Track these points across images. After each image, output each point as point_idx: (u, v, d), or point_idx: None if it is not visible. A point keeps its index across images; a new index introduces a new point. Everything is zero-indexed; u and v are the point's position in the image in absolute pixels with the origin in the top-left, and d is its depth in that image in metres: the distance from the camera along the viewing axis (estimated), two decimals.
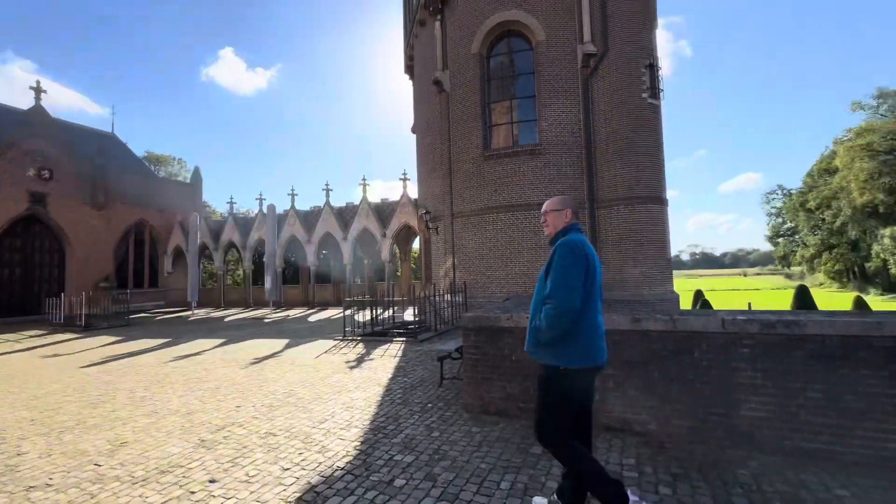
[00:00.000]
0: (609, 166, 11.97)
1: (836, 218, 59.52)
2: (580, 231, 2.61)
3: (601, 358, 2.42)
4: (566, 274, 2.33)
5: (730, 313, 3.76)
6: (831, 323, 3.25)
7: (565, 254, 2.38)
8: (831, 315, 3.38)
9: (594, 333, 2.40)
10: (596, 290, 2.39)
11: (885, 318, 3.15)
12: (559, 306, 2.29)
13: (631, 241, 11.59)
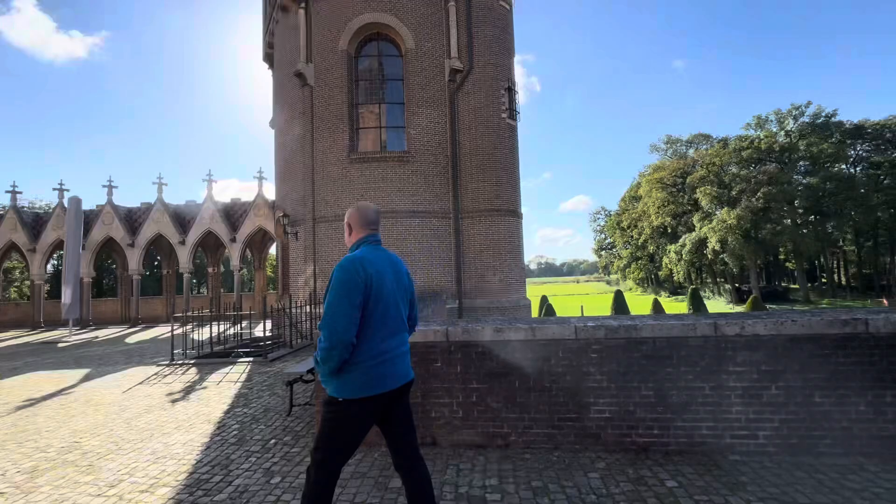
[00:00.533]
0: (472, 179, 12.50)
1: (641, 236, 74.31)
2: (374, 243, 2.37)
3: (384, 386, 2.19)
4: (337, 303, 2.08)
5: (581, 320, 3.95)
6: (660, 326, 3.61)
7: (337, 279, 2.12)
8: (659, 319, 3.79)
9: (377, 360, 2.17)
10: (380, 313, 2.16)
11: (698, 320, 3.63)
12: (329, 338, 2.06)
13: (491, 251, 12.24)
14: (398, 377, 2.26)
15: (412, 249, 12.03)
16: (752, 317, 3.66)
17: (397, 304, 2.26)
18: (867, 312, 3.52)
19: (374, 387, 2.15)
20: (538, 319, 4.08)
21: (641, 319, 3.80)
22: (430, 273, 12.11)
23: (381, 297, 2.17)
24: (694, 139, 68.52)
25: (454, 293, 12.32)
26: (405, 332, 2.39)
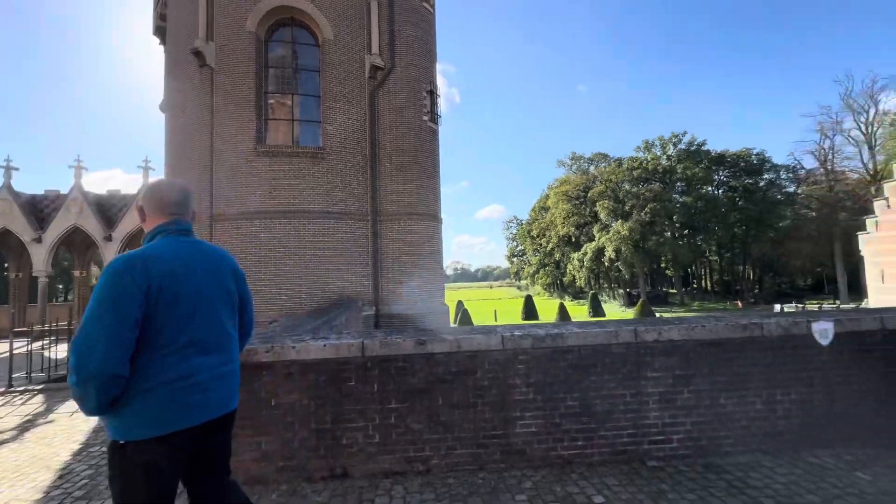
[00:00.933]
0: (392, 181, 12.06)
1: (549, 244, 79.63)
2: (178, 233, 1.83)
3: (191, 419, 1.65)
4: (96, 320, 1.51)
5: (507, 329, 3.75)
6: (585, 334, 3.55)
7: (100, 286, 1.57)
8: (584, 327, 3.73)
9: (179, 385, 1.63)
10: (178, 323, 1.65)
11: (620, 327, 3.63)
12: (79, 369, 1.47)
13: (410, 256, 11.88)
14: (213, 407, 1.72)
15: (326, 253, 11.20)
16: (666, 323, 3.77)
17: (215, 310, 1.75)
18: (761, 317, 3.81)
19: (174, 421, 1.60)
20: (463, 329, 3.80)
21: (567, 328, 3.72)
22: (345, 278, 11.38)
23: (182, 304, 1.65)
24: (595, 157, 75.35)
25: (371, 299, 11.73)
26: (230, 347, 1.85)
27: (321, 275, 11.09)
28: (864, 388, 3.64)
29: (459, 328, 3.92)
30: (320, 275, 11.08)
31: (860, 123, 52.59)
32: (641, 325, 3.72)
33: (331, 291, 11.15)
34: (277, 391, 3.33)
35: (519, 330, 3.72)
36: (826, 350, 3.64)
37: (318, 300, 10.95)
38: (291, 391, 3.33)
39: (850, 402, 3.62)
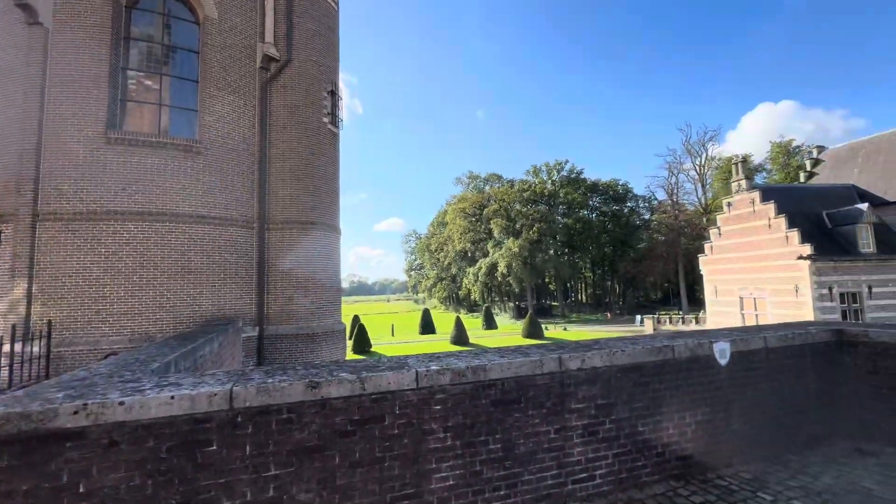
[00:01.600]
0: (285, 185, 10.78)
1: (446, 258, 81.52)
2: None
3: None
4: None
5: (422, 363, 3.18)
6: (509, 365, 3.15)
7: None
8: (506, 354, 3.34)
9: None
10: None
11: (544, 355, 3.31)
12: None
13: (303, 269, 10.67)
14: None
15: (198, 264, 9.43)
16: (588, 349, 3.57)
17: None
18: (672, 339, 3.85)
19: None
20: (369, 365, 3.13)
21: (488, 358, 3.28)
22: (222, 294, 9.71)
23: None
24: (490, 177, 79.74)
25: (254, 318, 10.20)
26: None
27: (190, 290, 9.30)
28: (753, 404, 3.84)
29: (363, 362, 3.25)
30: (189, 290, 9.28)
31: (696, 165, 64.22)
32: (565, 351, 3.46)
33: (203, 310, 9.41)
34: (92, 471, 2.27)
35: (435, 362, 3.18)
36: (724, 370, 3.77)
37: (185, 321, 9.12)
38: (116, 468, 2.31)
39: (743, 419, 3.79)
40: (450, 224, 77.83)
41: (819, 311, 21.90)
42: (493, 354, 3.44)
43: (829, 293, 22.22)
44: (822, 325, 4.62)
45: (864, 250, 23.05)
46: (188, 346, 4.87)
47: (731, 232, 27.03)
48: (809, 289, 22.10)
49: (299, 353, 10.27)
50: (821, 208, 25.33)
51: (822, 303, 22.03)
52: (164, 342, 5.48)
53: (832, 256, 22.50)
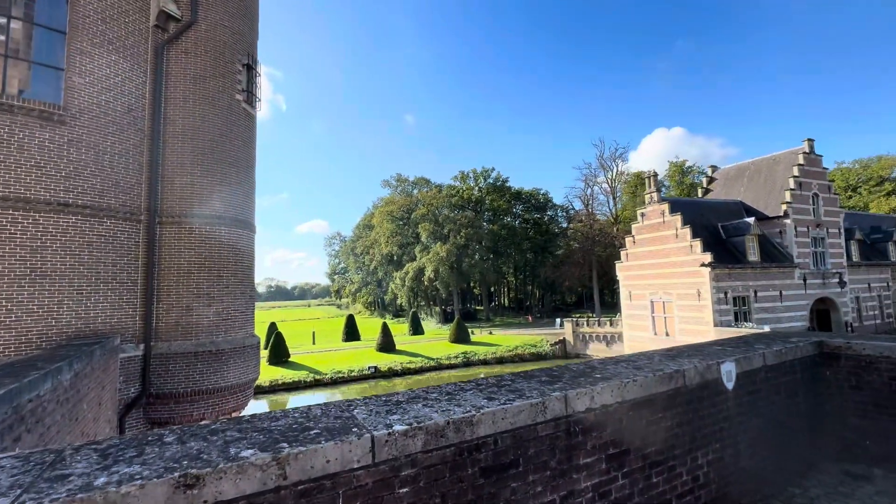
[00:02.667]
0: (184, 171, 8.88)
1: (372, 262, 79.11)
2: None
3: None
4: None
5: (376, 416, 2.13)
6: (503, 412, 2.23)
7: None
8: (496, 391, 2.41)
9: None
10: None
11: (545, 395, 2.44)
12: None
13: (207, 273, 8.84)
14: None
15: (56, 266, 7.25)
16: (593, 380, 2.78)
17: None
18: (679, 364, 3.22)
19: None
20: (292, 426, 2.02)
21: (473, 402, 2.34)
22: (91, 305, 7.59)
23: None
24: (418, 181, 79.13)
25: (137, 334, 8.16)
26: None
27: (43, 300, 7.10)
28: (758, 433, 3.36)
29: (279, 420, 2.13)
30: (41, 300, 7.08)
31: (608, 179, 69.56)
32: (569, 385, 2.63)
33: (63, 326, 7.25)
34: None
35: (397, 415, 2.15)
36: (731, 395, 3.23)
37: (34, 341, 6.92)
38: None
39: (750, 452, 3.28)
40: (377, 227, 75.76)
41: (717, 314, 24.23)
42: (474, 393, 2.51)
43: (724, 297, 24.72)
44: (803, 335, 4.39)
45: (751, 259, 26.07)
46: (13, 386, 3.26)
47: (643, 240, 29.12)
48: (710, 293, 24.37)
49: (199, 376, 8.43)
50: (717, 221, 28.28)
51: (719, 306, 24.42)
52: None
53: (727, 264, 25.11)
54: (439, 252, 62.70)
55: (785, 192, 28.13)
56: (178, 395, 8.26)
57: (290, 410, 2.25)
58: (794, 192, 27.99)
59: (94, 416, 5.95)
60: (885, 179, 68.56)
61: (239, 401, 9.10)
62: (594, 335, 41.07)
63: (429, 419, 2.07)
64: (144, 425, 8.25)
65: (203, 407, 8.46)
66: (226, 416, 8.90)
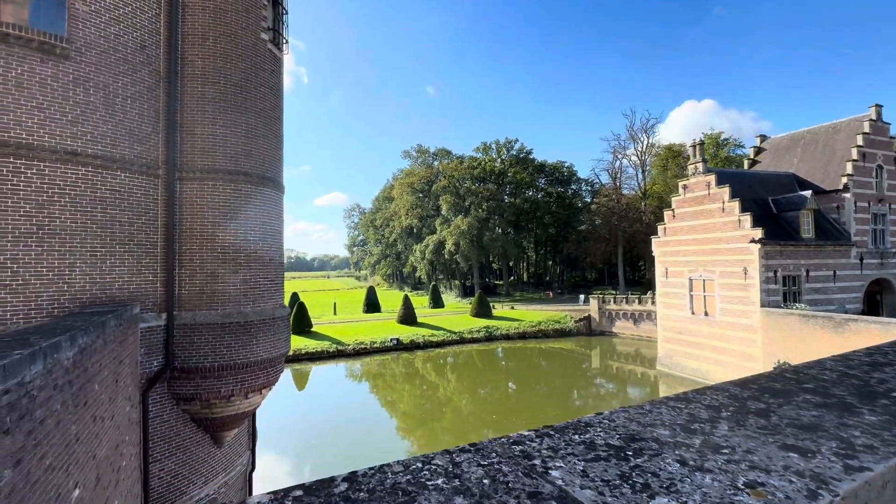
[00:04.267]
0: (206, 119, 7.82)
1: (391, 234, 78.45)
2: None
3: None
4: None
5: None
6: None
7: None
8: (814, 449, 1.30)
9: None
10: None
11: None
12: None
13: (233, 236, 7.90)
14: None
15: (66, 224, 6.39)
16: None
17: None
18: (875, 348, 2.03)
19: None
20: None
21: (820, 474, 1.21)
22: (106, 269, 6.75)
23: None
24: (439, 153, 77.10)
25: (158, 302, 7.35)
26: None
27: (53, 262, 6.26)
28: None
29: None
30: (51, 262, 6.25)
31: (638, 151, 66.31)
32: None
33: (76, 290, 6.43)
34: None
35: (639, 480, 1.06)
36: None
37: (45, 308, 6.13)
38: None
39: None
40: (396, 199, 74.65)
41: (765, 294, 22.63)
42: (731, 428, 1.39)
43: (774, 276, 23.02)
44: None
45: (805, 235, 24.12)
46: None
47: (684, 214, 27.29)
48: (758, 271, 22.70)
49: (227, 350, 7.62)
50: (767, 194, 26.18)
51: (767, 285, 22.77)
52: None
53: (779, 241, 23.26)
54: (460, 225, 61.44)
55: (846, 163, 25.71)
56: (205, 369, 7.49)
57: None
58: (856, 164, 25.56)
59: (111, 395, 5.14)
60: None
61: (270, 377, 8.32)
62: (621, 312, 39.78)
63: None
64: (169, 401, 7.55)
65: (231, 383, 7.70)
66: (256, 393, 8.16)
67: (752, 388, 1.82)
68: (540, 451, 1.24)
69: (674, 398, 1.68)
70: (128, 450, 6.06)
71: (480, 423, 21.71)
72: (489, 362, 34.24)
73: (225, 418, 7.96)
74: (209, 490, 8.17)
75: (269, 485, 14.82)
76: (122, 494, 5.63)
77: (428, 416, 22.93)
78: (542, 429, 1.43)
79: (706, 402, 1.62)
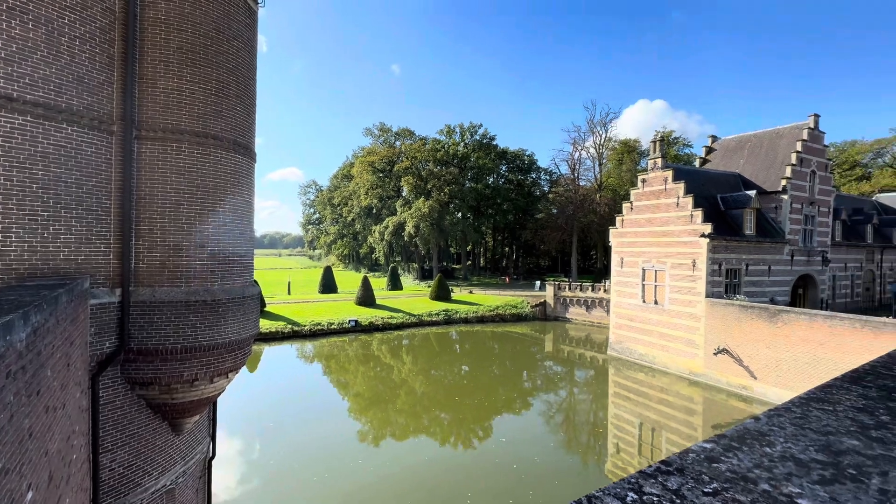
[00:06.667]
0: (170, 71, 6.90)
1: (350, 214, 76.33)
2: None
3: None
4: None
5: None
6: None
7: None
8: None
9: None
10: None
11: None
12: None
13: (200, 206, 7.12)
14: None
15: (0, 182, 5.43)
16: None
17: None
18: None
19: None
20: None
21: None
22: (46, 235, 5.85)
23: None
24: (402, 132, 75.41)
25: (111, 277, 6.52)
26: None
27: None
28: None
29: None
30: None
31: (596, 144, 68.34)
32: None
33: (12, 261, 5.52)
34: None
35: None
36: None
37: None
38: None
39: None
40: (356, 178, 72.53)
41: (710, 286, 24.26)
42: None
43: (718, 269, 24.70)
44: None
45: (748, 232, 26.00)
46: None
47: (642, 207, 28.51)
48: (705, 264, 24.24)
49: (191, 330, 6.94)
50: (716, 192, 27.87)
51: (713, 277, 24.41)
52: None
53: (724, 236, 24.92)
54: (421, 208, 60.82)
55: (786, 167, 27.86)
56: (166, 351, 6.79)
57: None
58: (795, 168, 27.76)
59: (62, 381, 4.47)
60: (857, 164, 70.81)
61: (238, 359, 7.72)
62: (575, 299, 41.36)
63: None
64: (123, 386, 6.79)
65: (196, 366, 7.04)
66: (223, 377, 7.55)
67: (871, 387, 1.73)
68: (753, 471, 1.03)
69: (811, 398, 1.54)
70: (78, 441, 5.37)
71: (434, 404, 21.89)
72: (446, 345, 34.52)
73: (187, 404, 7.31)
74: (166, 481, 7.53)
75: (221, 470, 14.11)
76: (72, 490, 4.99)
77: (381, 397, 22.79)
78: (719, 438, 1.23)
79: (850, 404, 1.49)
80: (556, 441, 18.43)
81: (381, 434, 18.63)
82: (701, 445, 1.15)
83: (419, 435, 18.78)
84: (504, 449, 17.07)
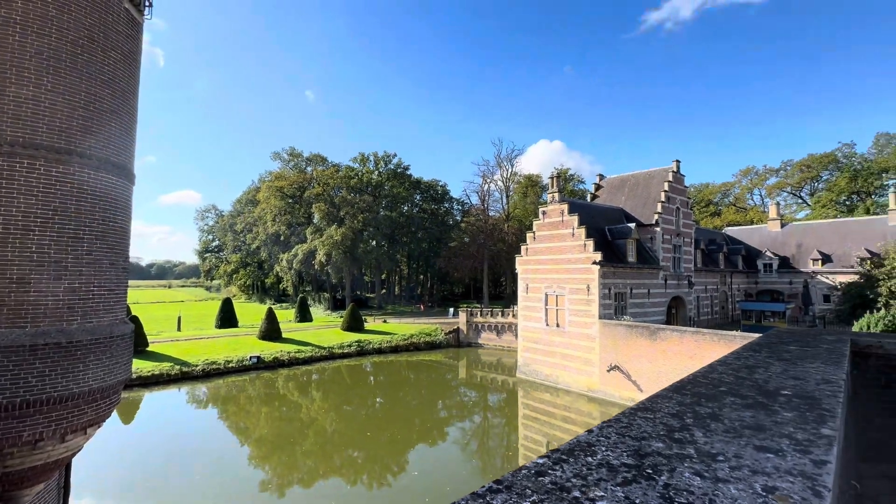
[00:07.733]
0: (25, 77, 5.99)
1: (255, 241, 71.22)
2: None
3: None
4: None
5: None
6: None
7: None
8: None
9: None
10: None
11: None
12: None
13: (58, 232, 6.12)
14: None
15: None
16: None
17: None
18: None
19: None
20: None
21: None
22: None
23: None
24: (314, 158, 73.43)
25: None
26: None
27: None
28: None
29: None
30: None
31: (503, 177, 73.17)
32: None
33: None
34: None
35: None
36: None
37: None
38: None
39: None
40: (262, 203, 68.37)
41: (602, 308, 26.80)
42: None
43: (608, 293, 27.46)
44: (834, 335, 4.33)
45: (630, 260, 29.44)
46: None
47: (543, 237, 30.88)
48: (597, 289, 26.82)
49: (37, 378, 5.80)
50: (604, 224, 31.31)
51: (604, 300, 27.03)
52: None
53: (612, 263, 27.92)
54: (334, 235, 59.07)
55: (657, 203, 32.39)
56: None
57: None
58: (664, 205, 32.39)
59: None
60: (710, 202, 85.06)
61: (101, 411, 6.59)
62: (486, 325, 42.76)
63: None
64: None
65: (41, 423, 5.86)
66: (79, 433, 6.37)
67: (688, 394, 2.06)
68: (570, 481, 1.17)
69: (640, 408, 1.79)
70: None
71: (345, 442, 20.78)
72: (359, 378, 33.22)
73: (26, 471, 6.01)
74: None
75: None
76: None
77: (287, 439, 21.03)
78: (552, 453, 1.37)
79: (667, 411, 1.77)
80: (469, 469, 18.45)
81: (286, 481, 17.04)
82: (535, 461, 1.26)
83: (329, 477, 17.54)
84: (417, 482, 16.64)
